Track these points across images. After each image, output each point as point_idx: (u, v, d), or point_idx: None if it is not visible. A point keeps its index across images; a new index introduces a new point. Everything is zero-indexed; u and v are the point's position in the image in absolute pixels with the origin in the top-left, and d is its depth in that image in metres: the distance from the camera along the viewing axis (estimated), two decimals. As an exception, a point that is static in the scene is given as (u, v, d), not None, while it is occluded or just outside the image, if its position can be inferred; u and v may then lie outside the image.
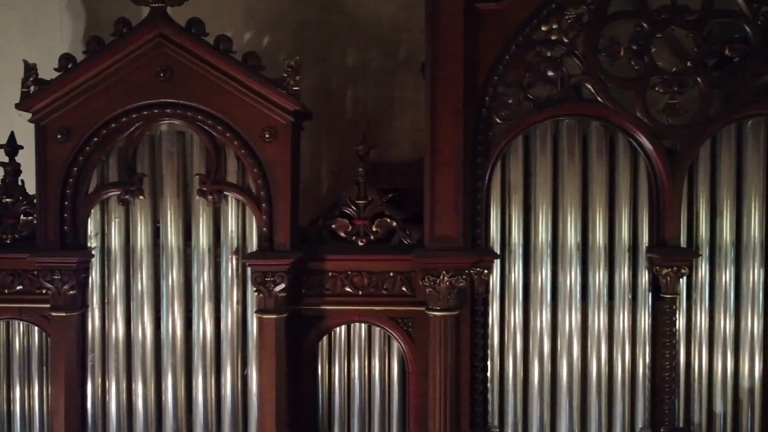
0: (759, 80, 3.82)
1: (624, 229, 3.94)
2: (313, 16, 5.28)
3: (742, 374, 3.94)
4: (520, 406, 3.98)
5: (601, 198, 3.94)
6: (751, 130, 3.91)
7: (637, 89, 3.82)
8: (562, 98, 3.85)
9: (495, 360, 3.98)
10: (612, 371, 3.97)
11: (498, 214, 3.96)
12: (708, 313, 3.95)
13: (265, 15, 5.30)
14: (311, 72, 5.22)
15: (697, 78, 3.80)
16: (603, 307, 3.95)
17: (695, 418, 3.97)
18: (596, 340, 3.95)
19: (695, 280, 3.95)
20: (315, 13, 5.28)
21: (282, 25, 5.28)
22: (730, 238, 3.93)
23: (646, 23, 3.80)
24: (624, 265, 3.95)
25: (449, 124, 3.70)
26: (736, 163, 3.93)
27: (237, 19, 5.28)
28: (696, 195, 3.95)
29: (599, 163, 3.93)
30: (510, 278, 3.96)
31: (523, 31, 3.79)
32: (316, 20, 5.28)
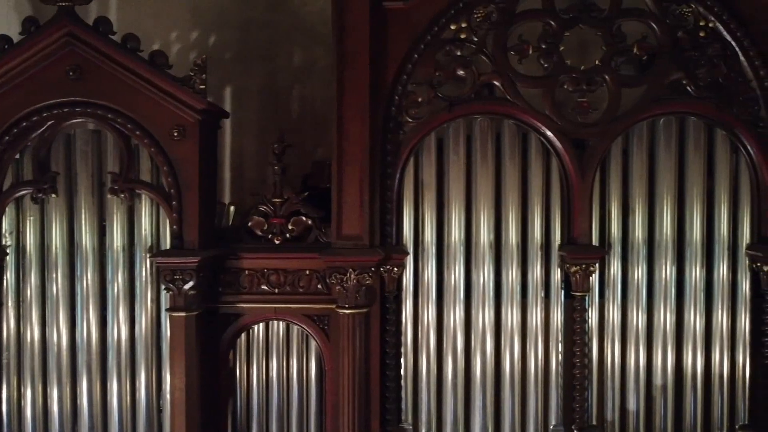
0: (667, 78, 3.83)
1: (536, 227, 3.96)
2: (260, 15, 5.30)
3: (654, 371, 3.96)
4: (434, 404, 3.99)
5: (514, 196, 3.95)
6: (663, 129, 3.93)
7: (546, 87, 3.84)
8: (472, 97, 3.87)
9: (409, 358, 3.99)
10: (525, 368, 3.99)
11: (411, 212, 3.97)
12: (621, 310, 3.97)
13: (211, 14, 5.31)
14: (258, 71, 5.25)
15: (605, 76, 3.82)
16: (516, 304, 3.97)
17: (608, 416, 3.98)
18: (509, 337, 3.97)
19: (608, 277, 3.97)
20: (261, 12, 5.30)
21: (228, 24, 5.29)
22: (643, 236, 3.94)
23: (554, 22, 3.81)
24: (537, 262, 3.96)
25: (356, 122, 3.72)
26: (649, 162, 3.95)
27: (183, 18, 5.30)
28: (608, 193, 3.96)
29: (512, 162, 3.95)
30: (423, 276, 3.97)
31: (431, 29, 3.80)
32: (262, 19, 5.30)
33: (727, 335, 3.93)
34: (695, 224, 3.93)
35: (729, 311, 3.93)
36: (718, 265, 3.93)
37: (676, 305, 3.94)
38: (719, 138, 3.91)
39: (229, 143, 5.30)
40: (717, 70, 3.80)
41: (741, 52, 3.79)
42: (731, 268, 3.94)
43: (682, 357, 3.95)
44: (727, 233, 3.93)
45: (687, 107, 3.86)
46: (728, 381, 3.94)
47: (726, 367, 3.93)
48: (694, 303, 3.93)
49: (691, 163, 3.93)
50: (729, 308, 3.93)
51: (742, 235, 3.93)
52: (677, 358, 3.95)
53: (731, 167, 3.93)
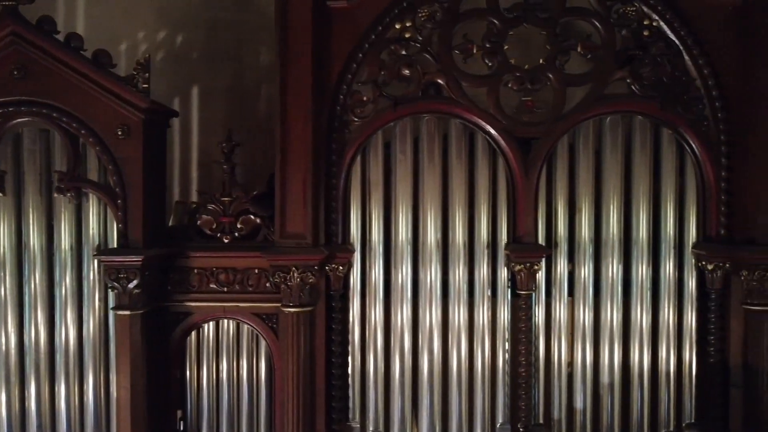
0: (611, 77, 3.84)
1: (483, 226, 3.97)
2: (227, 14, 5.29)
3: (602, 369, 3.96)
4: (382, 402, 4.00)
5: (461, 195, 3.97)
6: (610, 127, 3.94)
7: (491, 86, 3.85)
8: (417, 96, 3.88)
9: (356, 356, 3.99)
10: (472, 367, 4.00)
11: (358, 211, 3.98)
12: (568, 308, 3.97)
13: (179, 14, 5.30)
14: (225, 71, 5.24)
15: (549, 75, 3.82)
16: (463, 303, 3.98)
17: (555, 414, 3.99)
18: (456, 336, 3.98)
19: (555, 276, 3.97)
20: (228, 12, 5.29)
21: (195, 24, 5.28)
22: (589, 235, 3.95)
23: (499, 21, 3.82)
24: (483, 261, 3.97)
25: (299, 121, 3.72)
26: (595, 160, 3.96)
27: (150, 17, 5.29)
28: (555, 192, 3.96)
29: (459, 161, 3.96)
30: (371, 275, 3.98)
31: (375, 29, 3.81)
32: (229, 19, 5.29)
33: (674, 333, 3.94)
34: (641, 223, 3.94)
35: (675, 309, 3.94)
36: (665, 264, 3.94)
37: (623, 303, 3.95)
38: (665, 137, 3.92)
39: (196, 143, 5.29)
40: (661, 69, 3.81)
41: (685, 50, 3.80)
42: (677, 266, 3.94)
43: (629, 355, 3.96)
44: (673, 232, 3.94)
45: (631, 106, 3.87)
46: (675, 379, 3.95)
47: (673, 364, 3.94)
48: (640, 301, 3.94)
49: (638, 161, 3.94)
50: (675, 306, 3.94)
51: (688, 233, 3.94)
52: (624, 356, 3.96)
53: (677, 166, 3.94)
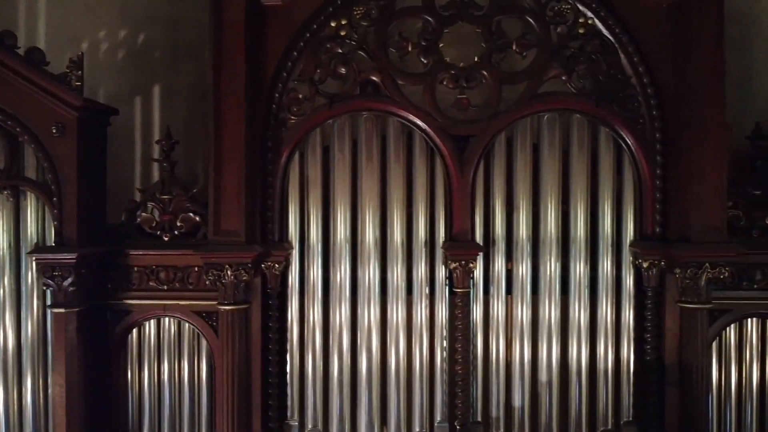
0: (546, 75, 3.84)
1: (421, 224, 3.97)
2: (188, 13, 5.28)
3: (540, 366, 3.96)
4: (321, 401, 3.99)
5: (399, 194, 3.96)
6: (547, 125, 3.93)
7: (426, 84, 3.84)
8: (353, 94, 3.88)
9: (295, 355, 3.99)
10: (411, 365, 3.99)
11: (297, 209, 3.98)
12: (506, 306, 3.96)
13: (140, 12, 5.29)
14: (187, 69, 5.24)
15: (484, 72, 3.82)
16: (401, 301, 3.97)
17: (493, 412, 3.98)
18: (395, 334, 3.98)
19: (492, 274, 3.97)
20: (190, 10, 5.28)
21: (157, 22, 5.27)
22: (527, 233, 3.95)
23: (434, 19, 3.82)
24: (421, 260, 3.97)
25: (233, 119, 3.72)
26: (533, 159, 3.95)
27: (112, 16, 5.28)
28: (493, 190, 3.96)
29: (397, 159, 3.96)
30: (309, 274, 3.98)
31: (310, 27, 3.81)
32: (191, 17, 5.28)
33: (612, 331, 3.93)
34: (579, 221, 3.93)
35: (613, 307, 3.93)
36: (603, 261, 3.93)
37: (561, 301, 3.95)
38: (603, 135, 3.92)
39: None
40: (596, 67, 3.81)
41: (620, 48, 3.80)
42: (615, 264, 3.94)
43: (567, 352, 3.95)
44: (611, 230, 3.93)
45: (567, 104, 3.86)
46: (613, 377, 3.94)
47: (610, 362, 3.93)
48: (578, 299, 3.93)
49: (576, 160, 3.93)
50: (613, 304, 3.93)
51: (626, 231, 3.93)
52: (562, 354, 3.95)
53: (615, 164, 3.94)
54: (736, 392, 3.95)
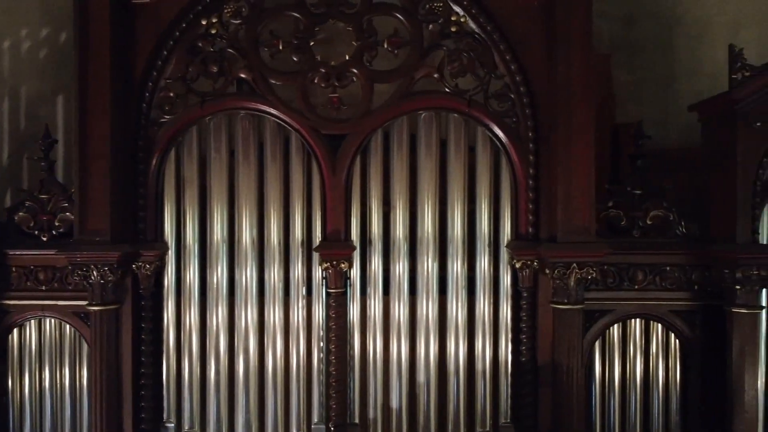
0: (418, 74, 3.80)
1: (297, 225, 3.94)
2: None
3: (418, 368, 3.93)
4: (198, 403, 3.96)
5: (276, 194, 3.93)
6: (424, 125, 3.90)
7: (298, 83, 3.81)
8: (225, 93, 3.84)
9: (171, 356, 3.95)
10: (288, 366, 3.96)
11: (173, 209, 3.94)
12: (383, 306, 3.93)
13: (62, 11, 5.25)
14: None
15: (355, 71, 3.78)
16: (279, 302, 3.94)
17: (371, 414, 3.95)
18: (272, 336, 3.95)
19: (369, 274, 3.93)
20: None
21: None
22: (404, 233, 3.91)
23: (305, 17, 3.78)
24: (298, 260, 3.94)
25: (98, 118, 3.67)
26: (410, 158, 3.92)
27: (33, 14, 5.24)
28: (369, 190, 3.93)
29: (273, 158, 3.93)
30: (186, 275, 3.94)
31: (179, 25, 3.77)
32: None
33: (490, 332, 3.91)
34: (456, 220, 3.90)
35: (491, 307, 3.91)
36: (480, 261, 3.90)
37: (439, 301, 3.92)
38: (480, 134, 3.89)
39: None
40: (469, 66, 3.77)
41: (492, 47, 3.76)
42: (493, 264, 3.91)
43: (445, 353, 3.92)
44: (488, 229, 3.91)
45: (440, 103, 3.83)
46: (491, 378, 3.91)
47: (488, 363, 3.91)
48: (456, 299, 3.90)
49: (453, 158, 3.90)
50: (491, 304, 3.91)
51: (503, 231, 3.90)
52: (440, 355, 3.92)
53: (492, 163, 3.91)
54: (620, 385, 3.93)
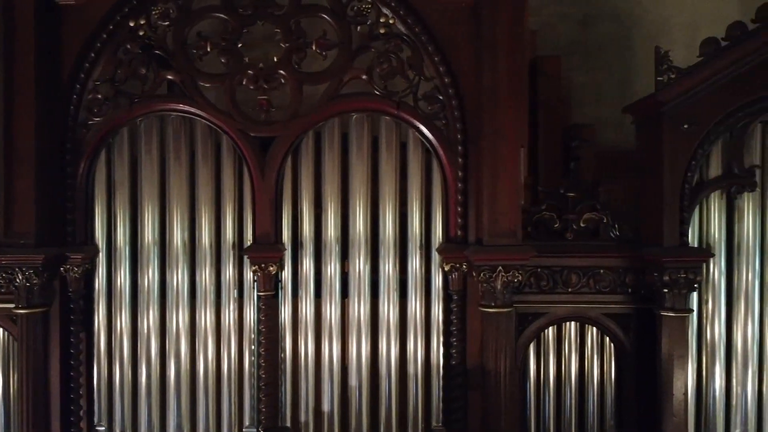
0: (347, 76, 3.79)
1: (228, 227, 3.93)
2: None
3: (350, 370, 3.91)
4: (129, 406, 3.94)
5: (208, 196, 3.92)
6: (355, 126, 3.88)
7: (226, 85, 3.79)
8: (154, 95, 3.82)
9: (102, 360, 3.94)
10: (219, 369, 3.94)
11: (104, 211, 3.93)
12: (315, 308, 3.91)
13: None
14: None
15: (284, 73, 3.77)
16: (210, 305, 3.93)
17: (303, 417, 3.93)
18: (203, 339, 3.93)
19: (301, 276, 3.92)
20: None
21: None
22: (335, 234, 3.90)
23: (233, 18, 3.76)
24: (229, 263, 3.92)
25: (24, 119, 3.65)
26: (341, 159, 3.90)
27: None
28: (300, 192, 3.91)
29: (205, 160, 3.92)
30: (116, 277, 3.93)
31: (107, 26, 3.75)
32: None
33: (422, 333, 3.89)
34: (388, 222, 3.88)
35: (423, 310, 3.89)
36: (412, 263, 3.89)
37: (371, 303, 3.90)
38: (412, 136, 3.87)
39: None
40: (398, 68, 3.75)
41: (421, 49, 3.74)
42: (425, 266, 3.89)
43: (377, 356, 3.90)
44: (420, 231, 3.89)
45: (369, 104, 3.82)
46: (423, 380, 3.90)
47: (420, 365, 3.89)
48: (388, 301, 3.88)
49: (384, 160, 3.88)
50: (423, 307, 3.89)
51: (435, 233, 3.88)
52: (373, 357, 3.90)
53: (424, 166, 3.89)
54: (555, 384, 3.91)
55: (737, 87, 3.62)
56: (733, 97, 3.63)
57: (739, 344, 3.76)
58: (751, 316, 3.75)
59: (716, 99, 3.62)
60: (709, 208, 3.79)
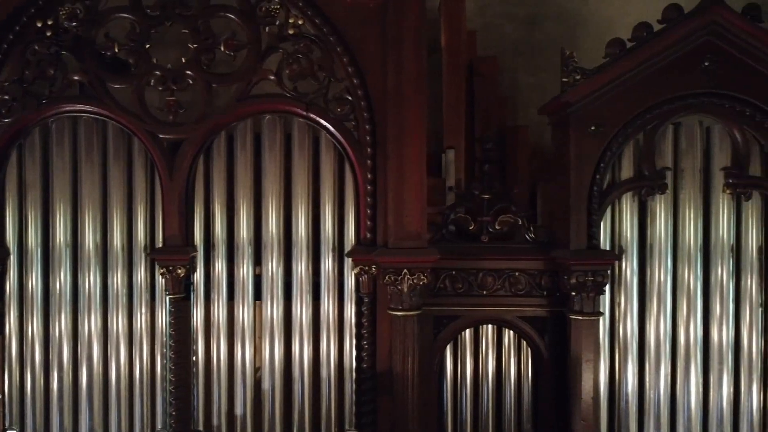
0: (257, 76, 3.76)
1: (140, 229, 3.90)
2: None
3: (263, 373, 3.88)
4: (41, 411, 3.91)
5: (120, 196, 3.89)
6: (268, 127, 3.85)
7: (134, 86, 3.75)
8: (62, 96, 3.78)
9: (14, 365, 3.90)
10: (132, 373, 3.92)
11: (15, 212, 3.89)
12: (228, 311, 3.88)
13: None
14: None
15: (192, 73, 3.73)
16: (122, 309, 3.90)
17: (215, 421, 3.90)
18: (116, 343, 3.90)
19: (213, 277, 3.88)
20: None
21: None
22: (248, 236, 3.87)
23: (141, 19, 3.73)
24: (141, 266, 3.91)
25: None
26: (254, 161, 3.87)
27: None
28: (212, 193, 3.88)
29: (116, 160, 3.89)
30: (28, 281, 3.89)
31: (13, 27, 3.70)
32: None
33: (335, 336, 3.86)
34: (301, 224, 3.85)
35: (336, 312, 3.86)
36: (325, 265, 3.86)
37: (285, 306, 3.87)
38: (324, 138, 3.84)
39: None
40: (307, 69, 3.72)
41: (330, 50, 3.71)
42: (338, 269, 3.87)
43: (290, 358, 3.87)
44: (332, 233, 3.86)
45: (279, 106, 3.78)
46: (336, 383, 3.87)
47: (333, 368, 3.86)
48: (301, 304, 3.86)
49: (297, 162, 3.85)
50: (336, 309, 3.87)
51: (347, 236, 3.86)
52: (286, 360, 3.87)
53: (336, 168, 3.86)
54: (472, 386, 3.90)
55: (646, 88, 3.60)
56: (642, 98, 3.61)
57: (652, 343, 3.76)
58: (664, 315, 3.75)
59: (625, 100, 3.61)
60: (621, 210, 3.77)
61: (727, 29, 3.52)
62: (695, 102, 3.62)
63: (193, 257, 3.82)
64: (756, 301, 3.77)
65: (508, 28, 6.59)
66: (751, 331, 3.77)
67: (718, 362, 3.76)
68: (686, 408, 3.76)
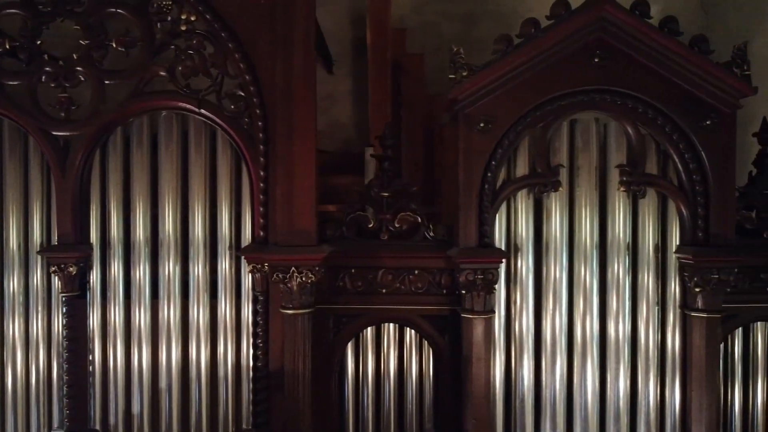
0: (148, 74, 3.74)
1: (36, 228, 3.88)
2: None
3: (160, 371, 3.84)
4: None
5: (16, 196, 3.87)
6: (164, 125, 3.83)
7: (26, 82, 3.73)
8: (-45, 93, 3.76)
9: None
10: (28, 375, 3.90)
11: None
12: (124, 311, 3.85)
13: None
14: None
15: (84, 70, 3.71)
16: (18, 311, 3.88)
17: (112, 420, 3.88)
18: (12, 346, 3.89)
19: (110, 278, 3.85)
20: None
21: None
22: (145, 235, 3.84)
23: (32, 14, 3.70)
24: (37, 266, 3.88)
25: None
26: (151, 159, 3.85)
27: None
28: (108, 191, 3.85)
29: (11, 161, 3.87)
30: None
31: None
32: None
33: (232, 335, 3.82)
34: (197, 223, 3.83)
35: (233, 311, 3.83)
36: (222, 264, 3.83)
37: (182, 304, 3.84)
38: (220, 136, 3.82)
39: None
40: (200, 65, 3.70)
41: (222, 46, 3.68)
42: (235, 267, 3.84)
43: (187, 357, 3.84)
44: (229, 232, 3.83)
45: (171, 103, 3.75)
46: (233, 382, 3.84)
47: (230, 367, 3.83)
48: (198, 302, 3.83)
49: (194, 160, 3.83)
50: (233, 308, 3.83)
51: (244, 235, 3.83)
52: (183, 358, 3.84)
53: (233, 166, 3.83)
54: (374, 384, 3.87)
55: (537, 85, 3.59)
56: (533, 95, 3.60)
57: (548, 340, 3.74)
58: (559, 311, 3.74)
59: (515, 97, 3.59)
60: (517, 208, 3.76)
61: (615, 25, 3.51)
62: (587, 99, 3.61)
63: (87, 255, 3.78)
64: (652, 299, 3.76)
65: (446, 26, 6.58)
66: (647, 327, 3.76)
67: (614, 358, 3.75)
68: (583, 403, 3.74)
